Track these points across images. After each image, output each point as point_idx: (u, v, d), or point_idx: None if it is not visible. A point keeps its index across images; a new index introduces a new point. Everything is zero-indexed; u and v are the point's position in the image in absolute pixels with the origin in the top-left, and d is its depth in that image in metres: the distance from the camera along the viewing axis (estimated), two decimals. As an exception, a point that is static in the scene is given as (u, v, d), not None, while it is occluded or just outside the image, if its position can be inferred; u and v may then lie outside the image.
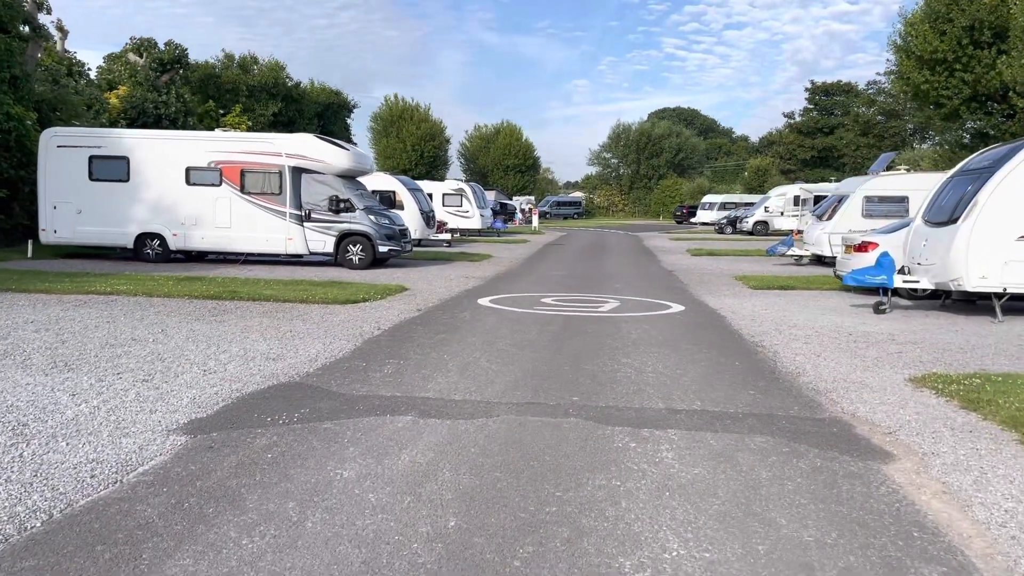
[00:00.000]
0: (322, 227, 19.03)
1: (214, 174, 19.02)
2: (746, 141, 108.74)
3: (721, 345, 9.41)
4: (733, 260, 24.69)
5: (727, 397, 6.76)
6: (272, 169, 18.89)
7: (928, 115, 30.58)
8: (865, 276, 12.57)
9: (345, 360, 7.98)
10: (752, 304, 13.55)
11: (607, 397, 6.65)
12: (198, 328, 9.64)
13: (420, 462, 4.89)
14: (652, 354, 8.65)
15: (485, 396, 6.60)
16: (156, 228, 19.17)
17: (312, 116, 43.28)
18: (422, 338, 9.38)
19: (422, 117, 68.50)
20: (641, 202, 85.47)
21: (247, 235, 19.02)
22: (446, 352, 8.51)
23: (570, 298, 13.96)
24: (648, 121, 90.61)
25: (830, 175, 60.40)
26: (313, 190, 18.99)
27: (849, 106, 69.60)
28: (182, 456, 4.93)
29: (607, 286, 16.35)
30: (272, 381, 7.00)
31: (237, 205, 18.96)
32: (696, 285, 16.85)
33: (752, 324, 11.18)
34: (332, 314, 11.21)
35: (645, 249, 30.82)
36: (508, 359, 8.18)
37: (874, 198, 21.69)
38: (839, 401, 6.75)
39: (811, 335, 10.24)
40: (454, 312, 11.80)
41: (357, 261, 19.01)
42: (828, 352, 9.02)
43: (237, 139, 19.75)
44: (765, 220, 44.71)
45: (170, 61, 32.37)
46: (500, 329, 10.17)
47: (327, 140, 19.60)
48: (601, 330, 10.29)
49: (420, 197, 29.75)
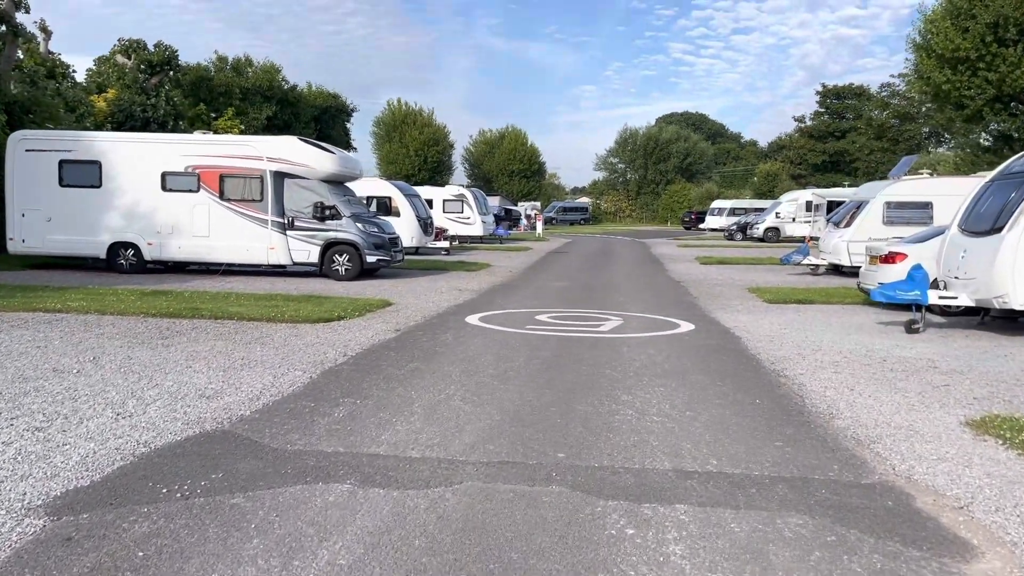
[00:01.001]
0: (306, 236, 17.82)
1: (191, 179, 17.85)
2: (755, 146, 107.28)
3: (737, 375, 8.13)
4: (745, 269, 23.38)
5: (749, 452, 5.49)
6: (253, 174, 17.72)
7: (949, 116, 29.19)
8: (896, 291, 11.27)
9: (292, 399, 6.74)
10: (769, 322, 12.27)
11: (601, 452, 5.39)
12: (137, 355, 8.42)
13: (342, 564, 3.64)
14: (657, 389, 7.38)
15: (450, 452, 5.34)
16: (130, 237, 18.01)
17: (309, 120, 42.00)
18: (391, 368, 8.13)
19: (425, 122, 67.38)
20: (649, 208, 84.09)
21: (226, 244, 17.84)
22: (415, 387, 7.26)
23: (568, 314, 12.70)
24: (656, 126, 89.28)
25: (842, 180, 58.99)
26: (297, 196, 17.80)
27: (861, 109, 68.08)
28: (23, 555, 3.69)
29: (610, 300, 15.08)
30: (194, 429, 5.76)
31: (216, 212, 17.79)
32: (706, 298, 15.57)
33: (771, 347, 9.90)
34: (298, 336, 9.98)
35: (652, 257, 29.54)
36: (487, 396, 6.92)
37: (896, 204, 20.33)
38: (887, 456, 5.48)
39: (839, 361, 8.96)
40: (436, 333, 10.55)
41: (343, 272, 17.80)
42: (862, 384, 7.74)
43: (216, 142, 18.59)
44: (776, 226, 43.32)
45: (159, 63, 31.25)
46: (484, 355, 8.91)
47: (311, 143, 18.40)
48: (599, 356, 9.03)
49: (417, 203, 28.58)
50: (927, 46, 27.67)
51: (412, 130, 66.07)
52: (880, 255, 13.90)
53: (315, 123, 42.99)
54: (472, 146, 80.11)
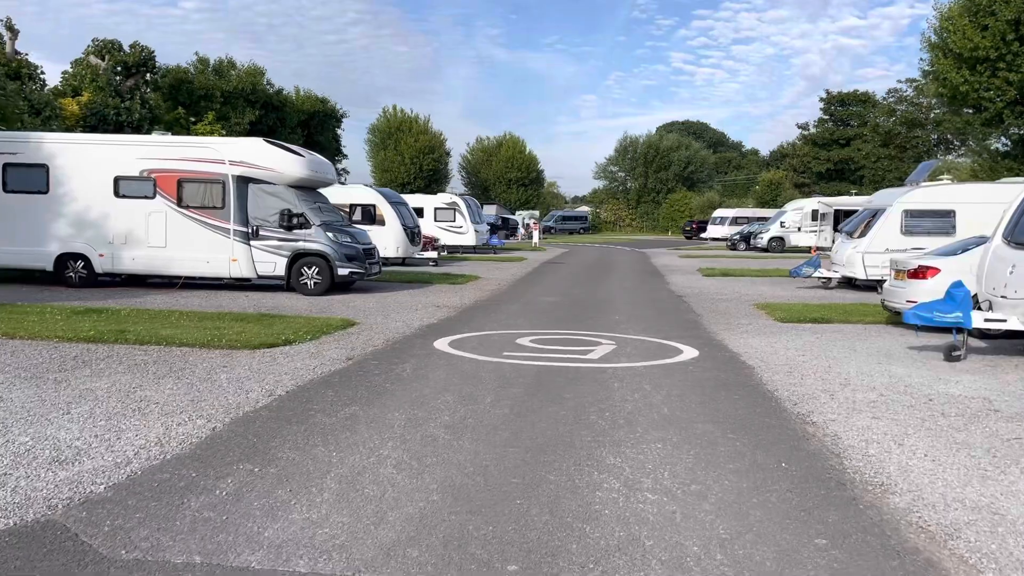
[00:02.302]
0: (272, 246, 16.24)
1: (147, 185, 16.28)
2: (756, 155, 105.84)
3: (754, 424, 6.52)
4: (751, 282, 21.78)
5: (782, 559, 3.88)
6: (214, 179, 16.15)
7: (966, 120, 27.63)
8: (934, 313, 9.67)
9: (172, 465, 5.13)
10: (784, 346, 10.66)
11: (571, 563, 3.78)
12: (13, 395, 6.82)
13: None
14: (653, 446, 5.77)
15: (353, 562, 3.73)
16: (79, 247, 16.41)
17: (295, 125, 40.30)
18: (321, 414, 6.52)
19: (421, 129, 65.99)
20: (649, 217, 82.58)
21: (185, 255, 16.25)
22: (341, 444, 5.66)
23: (555, 337, 11.10)
24: (656, 134, 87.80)
25: (848, 188, 57.44)
26: (262, 203, 16.24)
27: (866, 117, 66.50)
28: None
29: (604, 318, 13.48)
30: (10, 519, 4.16)
31: (173, 221, 16.21)
32: (711, 316, 13.97)
33: (790, 381, 8.30)
34: (228, 366, 8.39)
35: (652, 269, 27.94)
36: (430, 460, 5.32)
37: (915, 212, 18.74)
38: (977, 562, 3.87)
39: (876, 401, 7.36)
40: (394, 363, 8.95)
41: (312, 286, 16.21)
42: (913, 436, 6.14)
43: (173, 144, 17.00)
44: (781, 236, 41.79)
45: (135, 64, 29.72)
46: (442, 395, 7.31)
47: (278, 145, 16.83)
48: (584, 395, 7.42)
49: (404, 211, 27.03)
50: (943, 45, 26.09)
51: (407, 137, 64.65)
52: (908, 269, 12.30)
53: (302, 129, 41.36)
54: (469, 154, 78.70)
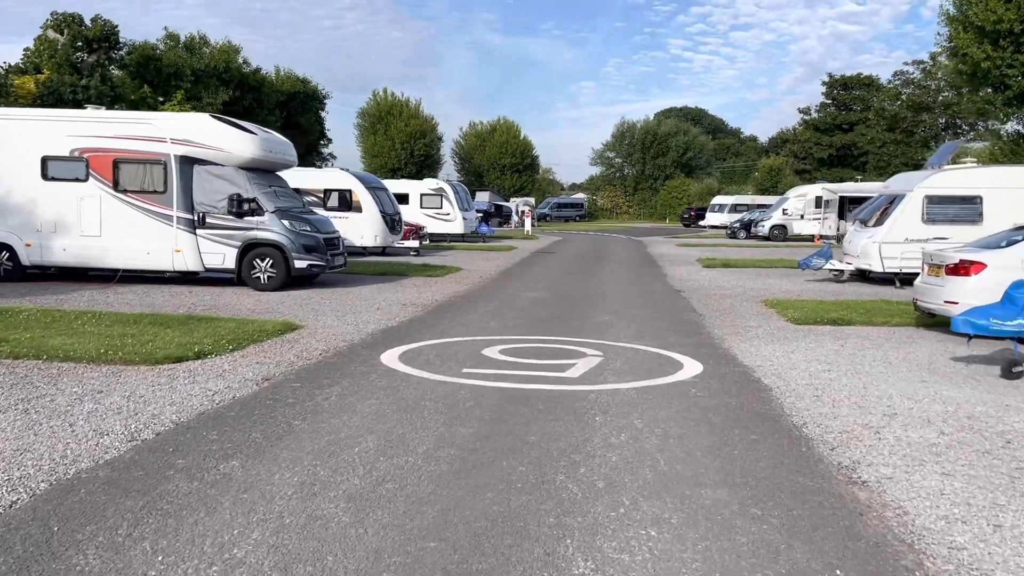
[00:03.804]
0: (220, 235, 14.42)
1: (79, 166, 14.44)
2: (755, 141, 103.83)
3: (784, 486, 4.74)
4: (755, 274, 19.99)
5: None
6: (155, 159, 14.32)
7: (987, 99, 25.79)
8: (990, 319, 7.89)
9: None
10: (804, 357, 8.89)
11: None
12: None
13: None
14: (647, 532, 3.99)
15: None
16: (3, 237, 14.56)
17: (274, 106, 38.21)
18: (181, 475, 4.71)
19: (412, 113, 63.88)
20: (647, 204, 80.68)
21: (122, 245, 14.42)
22: (178, 538, 3.86)
23: (529, 347, 9.31)
24: (654, 119, 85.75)
25: (850, 175, 55.61)
26: (208, 186, 14.41)
27: (870, 101, 64.50)
28: None
29: (592, 318, 11.69)
30: None
31: (109, 206, 14.39)
32: (715, 316, 12.20)
33: (819, 409, 6.53)
34: (104, 391, 6.58)
35: (648, 258, 26.13)
36: (305, 569, 3.53)
37: (938, 198, 16.95)
38: None
39: (939, 444, 5.59)
40: (319, 386, 7.15)
41: (265, 280, 14.40)
42: (1009, 510, 4.37)
43: (108, 119, 15.06)
44: (783, 224, 39.96)
45: (96, 39, 27.73)
46: (364, 439, 5.51)
47: (227, 121, 14.97)
48: (554, 438, 5.63)
49: (383, 197, 25.17)
50: (963, 18, 24.17)
51: (397, 121, 62.57)
52: (947, 264, 10.50)
53: (281, 110, 39.26)
54: (462, 139, 76.61)
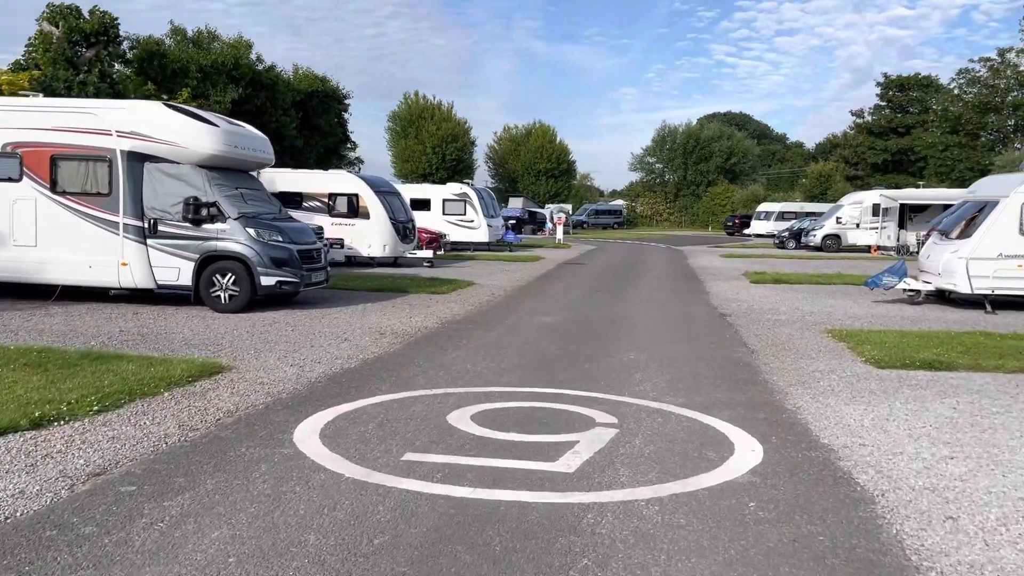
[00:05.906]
0: (174, 246, 12.17)
1: (11, 163, 12.35)
2: (801, 147, 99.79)
3: None
4: (812, 293, 17.15)
5: None
6: (98, 155, 12.17)
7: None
8: None
9: None
10: (907, 430, 6.19)
11: None
12: None
13: None
14: None
15: None
16: (-75, 246, 12.53)
17: (289, 106, 36.16)
18: None
19: (444, 116, 61.79)
20: (688, 211, 77.40)
21: (61, 257, 12.28)
22: None
23: (515, 407, 6.73)
24: (696, 124, 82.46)
25: (906, 181, 51.90)
26: (161, 188, 12.18)
27: (929, 102, 60.54)
28: None
29: (611, 358, 9.08)
30: None
31: (46, 211, 12.27)
32: (771, 353, 9.50)
33: (968, 553, 3.87)
34: None
35: (688, 272, 23.33)
36: None
37: (1042, 205, 14.06)
38: None
39: None
40: (165, 491, 4.67)
41: (227, 300, 12.09)
42: None
43: (44, 109, 12.84)
44: (837, 233, 36.76)
45: (94, 32, 25.94)
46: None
47: (183, 111, 12.73)
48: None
49: (394, 202, 22.85)
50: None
51: (429, 125, 60.53)
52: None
53: (298, 110, 37.15)
54: (496, 143, 74.28)
